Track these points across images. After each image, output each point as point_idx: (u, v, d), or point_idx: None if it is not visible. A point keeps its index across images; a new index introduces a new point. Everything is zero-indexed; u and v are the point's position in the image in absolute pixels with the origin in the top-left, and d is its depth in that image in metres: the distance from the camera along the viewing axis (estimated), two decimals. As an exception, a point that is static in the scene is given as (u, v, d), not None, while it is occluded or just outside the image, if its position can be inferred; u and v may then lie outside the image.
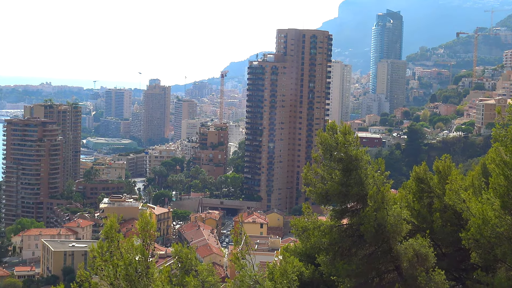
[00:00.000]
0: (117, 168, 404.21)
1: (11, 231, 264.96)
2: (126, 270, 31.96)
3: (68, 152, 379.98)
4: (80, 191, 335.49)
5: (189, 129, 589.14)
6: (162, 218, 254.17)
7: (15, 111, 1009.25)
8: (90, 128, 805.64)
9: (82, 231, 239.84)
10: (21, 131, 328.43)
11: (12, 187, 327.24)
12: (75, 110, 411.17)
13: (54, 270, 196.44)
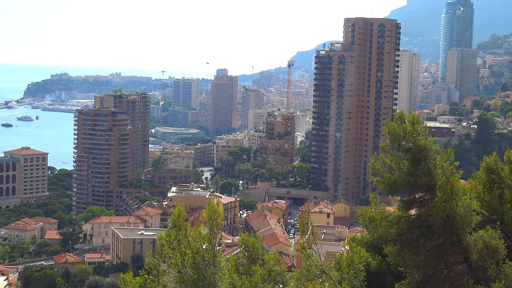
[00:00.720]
0: (184, 157, 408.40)
1: (82, 219, 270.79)
2: (193, 259, 32.27)
3: (137, 142, 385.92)
4: (148, 180, 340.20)
5: (256, 118, 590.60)
6: (229, 207, 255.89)
7: (85, 101, 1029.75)
8: (159, 117, 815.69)
9: (150, 219, 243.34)
10: (91, 121, 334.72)
11: (83, 176, 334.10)
12: (144, 100, 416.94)
13: (124, 258, 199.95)
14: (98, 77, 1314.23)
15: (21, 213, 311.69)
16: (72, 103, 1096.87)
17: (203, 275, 32.14)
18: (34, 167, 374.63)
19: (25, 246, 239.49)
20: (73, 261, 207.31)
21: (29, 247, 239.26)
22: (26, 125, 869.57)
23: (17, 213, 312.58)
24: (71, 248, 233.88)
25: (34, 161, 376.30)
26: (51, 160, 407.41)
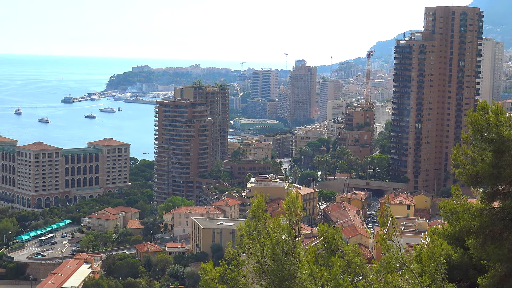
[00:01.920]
0: (263, 148, 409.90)
1: (163, 209, 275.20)
2: (273, 249, 32.39)
3: (216, 133, 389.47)
4: (228, 170, 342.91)
5: (335, 109, 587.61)
6: (307, 198, 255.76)
7: (166, 93, 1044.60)
8: (238, 109, 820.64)
9: (230, 209, 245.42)
10: (172, 112, 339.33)
11: (163, 166, 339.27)
12: (223, 91, 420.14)
13: (203, 247, 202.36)
14: (178, 69, 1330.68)
15: (104, 202, 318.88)
16: (153, 94, 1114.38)
17: (282, 265, 32.24)
18: (116, 157, 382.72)
19: (108, 235, 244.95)
20: (154, 250, 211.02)
21: (112, 236, 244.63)
22: (109, 116, 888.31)
23: (100, 203, 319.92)
24: (152, 237, 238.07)
25: (116, 152, 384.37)
26: (133, 151, 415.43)
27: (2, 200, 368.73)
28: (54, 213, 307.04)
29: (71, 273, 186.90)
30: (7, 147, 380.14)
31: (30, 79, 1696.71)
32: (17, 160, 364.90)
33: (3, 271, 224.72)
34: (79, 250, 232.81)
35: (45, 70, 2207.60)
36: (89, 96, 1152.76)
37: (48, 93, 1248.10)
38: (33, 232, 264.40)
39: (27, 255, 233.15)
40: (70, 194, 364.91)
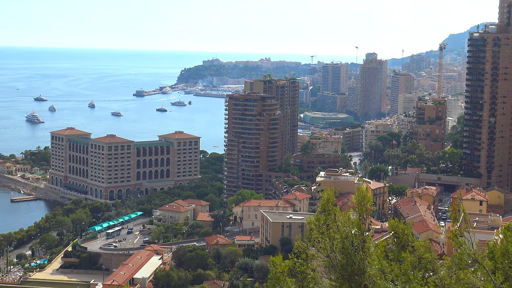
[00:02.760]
0: (333, 142, 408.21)
1: (233, 202, 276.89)
2: (342, 243, 32.25)
3: (286, 126, 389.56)
4: (297, 164, 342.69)
5: (406, 103, 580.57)
6: (378, 193, 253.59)
7: (236, 86, 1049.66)
8: (307, 102, 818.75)
9: (299, 203, 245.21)
10: (241, 106, 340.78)
11: (233, 160, 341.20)
12: (293, 85, 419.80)
13: (272, 241, 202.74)
14: (248, 63, 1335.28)
15: (175, 195, 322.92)
16: (223, 88, 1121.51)
17: (352, 260, 32.07)
18: (187, 150, 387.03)
19: (178, 227, 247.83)
20: (224, 242, 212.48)
21: (182, 228, 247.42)
22: (179, 110, 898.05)
23: (171, 195, 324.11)
24: (221, 230, 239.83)
25: (187, 145, 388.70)
26: (203, 144, 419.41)
27: (76, 191, 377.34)
28: (126, 205, 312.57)
29: (142, 264, 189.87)
30: (81, 139, 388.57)
31: (103, 73, 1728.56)
32: (91, 153, 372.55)
33: (76, 261, 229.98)
34: (150, 241, 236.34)
35: (118, 64, 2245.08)
36: (161, 89, 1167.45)
37: (120, 87, 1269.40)
38: (105, 223, 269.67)
39: (99, 245, 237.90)
40: (142, 186, 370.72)
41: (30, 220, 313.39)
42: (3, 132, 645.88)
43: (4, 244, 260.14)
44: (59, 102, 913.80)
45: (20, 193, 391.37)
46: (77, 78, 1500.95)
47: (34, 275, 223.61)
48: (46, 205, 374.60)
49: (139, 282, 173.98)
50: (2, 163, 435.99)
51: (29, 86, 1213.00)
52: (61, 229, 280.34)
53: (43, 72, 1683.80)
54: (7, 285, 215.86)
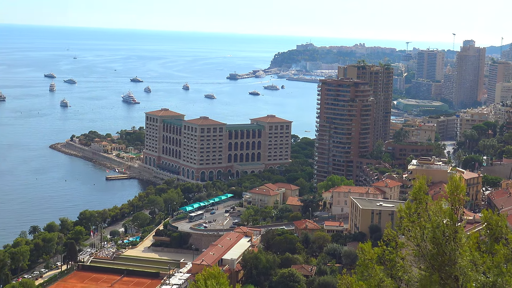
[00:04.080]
0: (426, 130, 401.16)
1: (322, 187, 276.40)
2: (433, 233, 31.78)
3: (378, 113, 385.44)
4: (389, 151, 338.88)
5: (504, 92, 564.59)
6: (471, 183, 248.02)
7: (329, 72, 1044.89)
8: (401, 89, 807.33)
9: (389, 191, 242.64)
10: (334, 91, 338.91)
11: (324, 145, 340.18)
12: (387, 71, 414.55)
13: (361, 227, 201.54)
14: (342, 48, 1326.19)
15: (265, 178, 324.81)
16: (316, 73, 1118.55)
17: (443, 250, 31.57)
18: (278, 134, 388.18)
19: (268, 210, 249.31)
20: (313, 227, 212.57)
21: (271, 211, 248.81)
22: (272, 93, 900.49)
23: (261, 179, 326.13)
24: (310, 215, 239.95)
25: (278, 129, 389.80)
26: (294, 129, 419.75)
27: (168, 172, 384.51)
28: (216, 186, 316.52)
29: (231, 245, 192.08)
30: (175, 121, 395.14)
31: (198, 55, 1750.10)
32: (184, 134, 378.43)
33: (167, 239, 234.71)
34: (239, 223, 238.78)
35: (213, 47, 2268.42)
36: (254, 73, 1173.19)
37: (214, 70, 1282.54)
38: (196, 203, 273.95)
39: (190, 225, 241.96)
40: (233, 169, 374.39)
41: (124, 198, 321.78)
42: (100, 112, 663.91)
43: (98, 221, 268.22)
44: (154, 84, 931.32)
45: (115, 172, 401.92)
46: (172, 60, 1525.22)
47: (126, 252, 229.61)
48: (139, 184, 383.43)
49: (227, 263, 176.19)
50: (99, 141, 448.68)
51: (125, 67, 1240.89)
52: (153, 208, 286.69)
53: (139, 53, 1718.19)
54: (101, 260, 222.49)
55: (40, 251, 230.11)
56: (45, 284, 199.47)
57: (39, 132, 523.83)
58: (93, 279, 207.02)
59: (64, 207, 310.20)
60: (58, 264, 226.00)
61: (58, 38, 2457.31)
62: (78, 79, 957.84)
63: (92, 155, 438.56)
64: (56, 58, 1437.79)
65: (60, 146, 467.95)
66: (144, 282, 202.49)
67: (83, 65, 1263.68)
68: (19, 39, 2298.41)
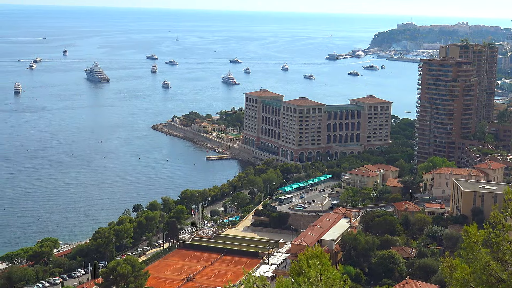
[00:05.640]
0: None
1: (423, 169, 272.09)
2: (542, 216, 30.85)
3: (481, 93, 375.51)
4: (492, 132, 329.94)
5: None
6: None
7: (430, 51, 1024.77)
8: (506, 68, 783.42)
9: (493, 173, 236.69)
10: (436, 71, 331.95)
11: (425, 126, 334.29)
12: (491, 50, 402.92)
13: (463, 210, 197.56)
14: (444, 27, 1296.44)
15: (364, 159, 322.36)
16: (417, 53, 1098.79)
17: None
18: (378, 115, 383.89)
19: (367, 191, 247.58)
20: (413, 209, 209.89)
21: (370, 192, 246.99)
22: (371, 74, 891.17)
23: (360, 159, 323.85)
24: (411, 196, 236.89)
25: (378, 110, 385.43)
26: (394, 109, 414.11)
27: (267, 152, 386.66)
28: (315, 167, 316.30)
29: (330, 226, 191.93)
30: (274, 101, 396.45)
31: (297, 36, 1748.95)
32: (283, 115, 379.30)
33: (266, 219, 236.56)
34: (338, 204, 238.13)
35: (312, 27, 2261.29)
36: (353, 53, 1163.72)
37: (313, 50, 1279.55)
38: (295, 184, 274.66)
39: (289, 206, 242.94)
40: (332, 150, 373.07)
41: (224, 178, 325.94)
42: (201, 93, 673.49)
43: (199, 200, 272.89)
44: (254, 64, 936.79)
45: (215, 152, 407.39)
46: (272, 41, 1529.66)
47: (226, 231, 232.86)
48: (239, 164, 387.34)
49: (326, 244, 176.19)
50: (199, 122, 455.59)
51: (225, 49, 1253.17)
52: (252, 188, 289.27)
53: (239, 35, 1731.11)
54: (202, 239, 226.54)
55: (143, 229, 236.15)
56: (148, 261, 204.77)
57: (141, 113, 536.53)
58: (194, 257, 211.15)
59: (165, 187, 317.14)
60: (160, 242, 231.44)
61: (161, 21, 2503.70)
62: (179, 61, 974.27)
63: (192, 135, 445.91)
64: (158, 40, 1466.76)
65: (162, 126, 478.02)
66: (244, 261, 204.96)
67: (183, 47, 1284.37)
68: (122, 22, 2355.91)
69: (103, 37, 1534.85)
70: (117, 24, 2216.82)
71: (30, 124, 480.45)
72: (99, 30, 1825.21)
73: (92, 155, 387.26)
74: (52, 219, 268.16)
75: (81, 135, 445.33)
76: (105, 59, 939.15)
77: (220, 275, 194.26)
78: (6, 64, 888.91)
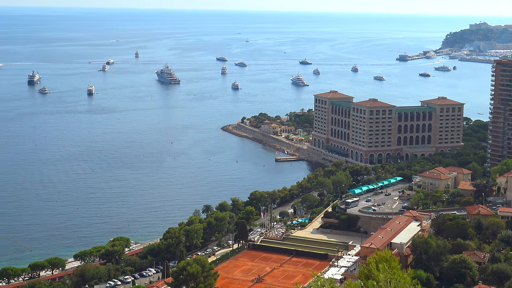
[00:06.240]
0: None
1: (496, 172, 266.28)
2: None
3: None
4: None
5: None
6: None
7: (504, 52, 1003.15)
8: None
9: None
10: (510, 72, 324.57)
11: (498, 128, 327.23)
12: None
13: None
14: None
15: (436, 162, 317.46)
16: (490, 53, 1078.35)
17: None
18: (449, 117, 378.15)
19: (438, 194, 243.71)
20: (486, 213, 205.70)
21: (442, 195, 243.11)
22: (443, 75, 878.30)
23: (431, 162, 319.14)
24: (484, 200, 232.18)
25: (450, 111, 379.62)
26: (467, 111, 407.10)
27: (337, 154, 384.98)
28: (385, 169, 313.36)
29: (400, 229, 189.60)
30: (343, 103, 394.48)
31: (367, 37, 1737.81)
32: (352, 116, 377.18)
33: (336, 221, 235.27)
34: (408, 207, 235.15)
35: (382, 28, 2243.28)
36: (424, 54, 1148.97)
37: (384, 51, 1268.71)
38: (365, 186, 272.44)
39: (358, 208, 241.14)
40: (402, 152, 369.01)
41: (293, 180, 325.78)
42: (270, 94, 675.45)
43: (268, 201, 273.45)
44: (323, 66, 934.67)
45: (284, 153, 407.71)
46: (341, 42, 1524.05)
47: (295, 233, 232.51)
48: (308, 165, 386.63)
49: (396, 247, 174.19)
50: (268, 123, 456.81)
51: (294, 50, 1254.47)
52: (321, 190, 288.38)
53: (308, 36, 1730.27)
54: (271, 240, 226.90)
55: (213, 229, 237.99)
56: (217, 262, 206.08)
57: (211, 114, 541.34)
58: (263, 258, 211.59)
59: (235, 187, 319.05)
60: (229, 242, 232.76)
61: (231, 22, 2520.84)
62: (249, 62, 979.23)
63: (262, 136, 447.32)
64: (228, 41, 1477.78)
65: (231, 128, 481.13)
66: (313, 263, 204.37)
67: (253, 48, 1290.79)
68: (192, 24, 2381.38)
69: (173, 39, 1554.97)
70: (187, 26, 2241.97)
71: (103, 125, 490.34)
72: (170, 32, 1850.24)
73: (163, 156, 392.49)
74: (124, 218, 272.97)
75: (152, 136, 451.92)
76: (175, 61, 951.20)
77: (289, 277, 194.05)
78: (80, 66, 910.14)
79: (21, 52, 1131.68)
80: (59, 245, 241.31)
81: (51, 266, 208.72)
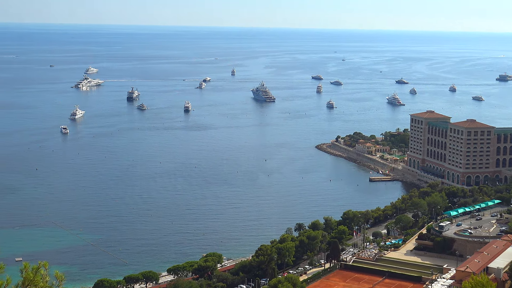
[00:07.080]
0: None
1: None
2: None
3: None
4: None
5: None
6: None
7: None
8: None
9: None
10: None
11: None
12: None
13: None
14: None
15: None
16: None
17: None
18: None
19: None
20: None
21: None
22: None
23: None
24: None
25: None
26: None
27: (433, 175, 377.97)
28: (483, 192, 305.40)
29: (498, 254, 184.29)
30: (440, 123, 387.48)
31: (466, 56, 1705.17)
32: (449, 137, 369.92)
33: (430, 244, 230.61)
34: (507, 231, 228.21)
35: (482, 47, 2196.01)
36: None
37: (483, 71, 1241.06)
38: (461, 208, 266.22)
39: (454, 230, 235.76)
40: (501, 174, 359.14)
41: (387, 200, 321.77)
42: (366, 113, 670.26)
43: (361, 221, 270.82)
44: (420, 85, 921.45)
45: (378, 173, 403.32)
46: (439, 61, 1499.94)
47: (388, 254, 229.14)
48: (403, 186, 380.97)
49: (493, 272, 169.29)
50: (363, 143, 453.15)
51: (391, 69, 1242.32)
52: (416, 211, 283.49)
53: (405, 55, 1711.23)
54: (363, 261, 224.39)
55: (305, 248, 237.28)
56: (308, 281, 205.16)
57: (305, 133, 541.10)
58: (355, 279, 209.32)
59: (328, 206, 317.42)
60: (321, 262, 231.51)
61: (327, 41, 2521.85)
62: (344, 81, 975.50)
63: (356, 156, 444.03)
64: (324, 60, 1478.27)
65: (325, 146, 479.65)
66: (406, 285, 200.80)
67: (349, 67, 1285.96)
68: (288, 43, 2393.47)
69: (269, 57, 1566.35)
70: (284, 44, 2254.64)
71: (199, 142, 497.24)
72: (266, 50, 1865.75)
73: (256, 174, 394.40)
74: (217, 234, 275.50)
75: (247, 154, 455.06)
76: (271, 79, 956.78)
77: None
78: (176, 83, 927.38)
79: (120, 69, 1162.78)
80: (153, 259, 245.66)
81: (145, 280, 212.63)
